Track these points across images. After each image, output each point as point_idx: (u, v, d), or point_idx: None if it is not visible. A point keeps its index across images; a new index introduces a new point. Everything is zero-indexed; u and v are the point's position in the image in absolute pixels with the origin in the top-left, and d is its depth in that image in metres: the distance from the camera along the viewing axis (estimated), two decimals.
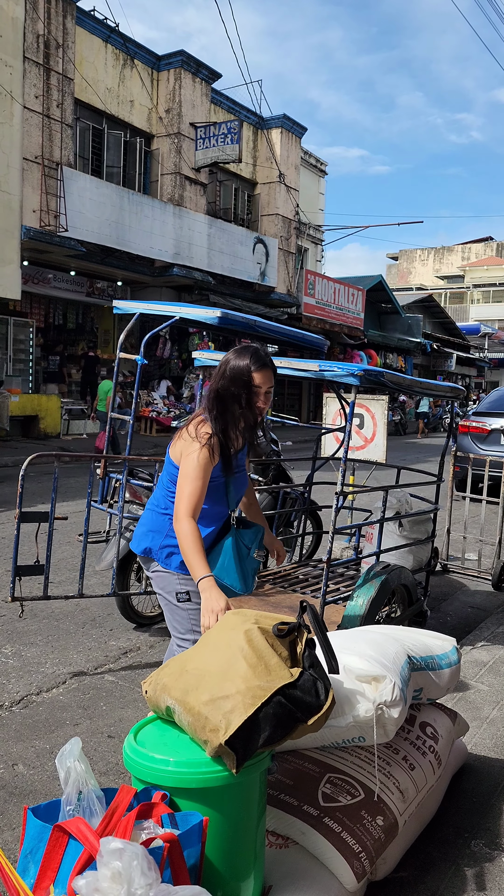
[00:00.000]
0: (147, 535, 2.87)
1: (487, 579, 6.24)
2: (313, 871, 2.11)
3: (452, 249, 59.44)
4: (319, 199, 25.67)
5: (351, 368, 3.50)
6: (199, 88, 17.90)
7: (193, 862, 1.76)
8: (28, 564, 4.20)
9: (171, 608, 2.86)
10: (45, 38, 13.95)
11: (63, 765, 1.79)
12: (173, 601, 2.83)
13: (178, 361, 19.63)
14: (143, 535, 2.88)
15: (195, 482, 2.64)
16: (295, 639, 2.11)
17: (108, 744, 3.26)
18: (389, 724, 2.28)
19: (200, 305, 4.64)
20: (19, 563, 4.13)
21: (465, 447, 10.11)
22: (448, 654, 2.79)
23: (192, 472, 2.65)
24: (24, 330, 15.72)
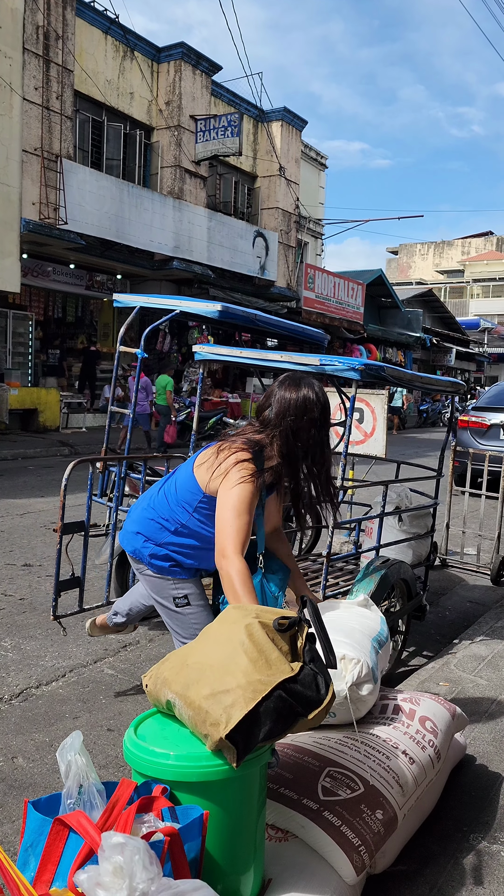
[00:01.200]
0: (137, 538, 2.73)
1: (486, 574, 6.25)
2: (313, 864, 2.12)
3: (452, 244, 59.38)
4: (320, 193, 25.61)
5: (352, 363, 3.50)
6: (199, 81, 17.84)
7: (194, 855, 1.76)
8: (66, 579, 4.05)
9: (168, 613, 2.78)
10: (45, 30, 13.89)
11: (64, 758, 1.79)
12: (171, 606, 2.75)
13: (177, 355, 19.61)
14: (132, 536, 2.74)
15: (243, 517, 2.38)
16: (295, 633, 2.11)
17: (107, 737, 3.26)
18: (360, 702, 2.41)
19: (200, 299, 4.62)
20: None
21: (464, 442, 10.12)
22: (383, 628, 2.85)
23: (240, 506, 2.37)
24: (24, 323, 15.70)
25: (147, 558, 2.70)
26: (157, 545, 2.68)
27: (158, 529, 2.68)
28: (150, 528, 2.70)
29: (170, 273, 17.81)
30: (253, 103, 20.25)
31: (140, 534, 2.72)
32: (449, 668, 3.98)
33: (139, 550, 2.72)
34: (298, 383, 2.52)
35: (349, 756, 2.42)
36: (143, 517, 2.74)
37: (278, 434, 2.46)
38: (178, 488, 2.67)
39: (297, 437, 2.46)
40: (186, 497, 2.62)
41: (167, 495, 2.70)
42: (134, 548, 2.73)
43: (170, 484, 2.73)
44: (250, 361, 3.95)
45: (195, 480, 2.58)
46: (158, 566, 2.69)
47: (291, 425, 2.45)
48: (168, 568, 2.69)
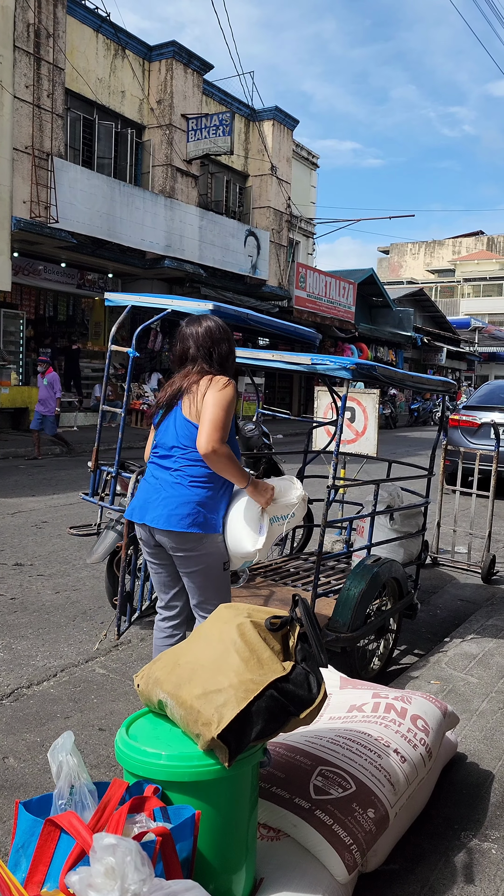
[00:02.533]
0: (196, 513, 2.83)
1: (477, 572, 6.27)
2: (305, 863, 2.12)
3: (443, 243, 59.51)
4: (311, 192, 25.62)
5: (343, 362, 3.50)
6: (190, 79, 17.81)
7: (186, 855, 1.76)
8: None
9: (213, 578, 2.94)
10: (36, 28, 13.83)
11: (55, 759, 1.79)
12: (219, 569, 2.94)
13: (169, 354, 19.58)
14: (184, 514, 2.82)
15: (226, 411, 2.75)
16: (287, 632, 2.12)
17: (98, 737, 3.26)
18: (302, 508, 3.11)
19: (192, 298, 4.62)
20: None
21: (455, 441, 10.15)
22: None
23: (223, 402, 2.77)
24: (15, 321, 15.64)
25: (213, 523, 2.88)
26: (213, 510, 2.90)
27: (198, 491, 2.88)
28: (193, 494, 2.87)
29: (161, 272, 17.78)
30: (245, 102, 20.23)
31: (197, 504, 2.86)
32: (440, 666, 3.99)
33: (200, 522, 2.86)
34: (199, 320, 3.01)
35: (341, 755, 2.42)
36: (177, 489, 2.89)
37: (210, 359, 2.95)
38: (181, 441, 2.91)
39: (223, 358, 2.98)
40: (190, 440, 2.88)
41: (177, 458, 2.92)
42: (189, 523, 2.84)
43: (177, 445, 2.93)
44: (242, 360, 3.94)
45: (188, 420, 2.88)
46: (217, 527, 2.90)
47: (215, 349, 2.96)
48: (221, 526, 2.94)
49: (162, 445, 3.00)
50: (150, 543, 3.01)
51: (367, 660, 3.99)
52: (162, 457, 2.99)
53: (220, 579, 2.97)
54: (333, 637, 3.54)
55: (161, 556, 3.03)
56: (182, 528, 2.82)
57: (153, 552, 3.04)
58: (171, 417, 2.98)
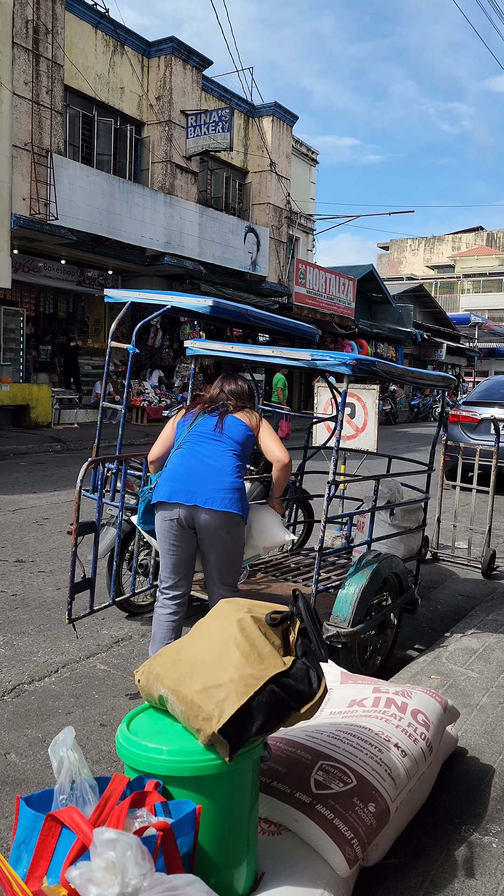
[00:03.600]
0: (240, 499, 3.36)
1: (477, 567, 6.27)
2: (306, 857, 2.12)
3: (443, 239, 59.43)
4: (311, 189, 25.58)
5: (343, 358, 3.50)
6: (189, 76, 17.77)
7: (187, 850, 1.76)
8: (79, 581, 4.01)
9: (233, 560, 3.44)
10: (35, 24, 13.80)
11: (56, 754, 1.79)
12: (240, 553, 3.47)
13: (169, 351, 19.57)
14: (232, 499, 3.33)
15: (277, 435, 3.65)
16: (287, 627, 2.12)
17: (100, 732, 3.26)
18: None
19: (192, 294, 4.61)
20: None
21: (455, 436, 10.15)
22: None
23: (273, 431, 3.64)
24: (15, 319, 15.63)
25: (245, 509, 3.41)
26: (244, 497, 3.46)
27: (240, 482, 3.42)
28: (238, 483, 3.39)
29: (161, 268, 17.75)
30: (244, 98, 20.18)
31: (240, 492, 3.38)
32: (440, 661, 4.00)
33: (241, 506, 3.37)
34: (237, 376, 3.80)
35: (341, 749, 2.43)
36: (224, 479, 3.37)
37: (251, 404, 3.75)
38: (229, 441, 3.47)
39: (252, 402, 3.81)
40: (239, 442, 3.49)
41: (222, 452, 3.44)
42: (236, 508, 3.33)
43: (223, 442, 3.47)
44: (242, 357, 3.95)
45: (247, 426, 3.54)
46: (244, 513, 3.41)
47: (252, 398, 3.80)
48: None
49: (198, 444, 3.46)
50: (185, 525, 3.36)
51: (368, 655, 3.99)
52: (203, 455, 3.43)
53: (240, 557, 3.54)
54: (334, 632, 3.55)
55: (187, 539, 3.41)
56: (235, 510, 3.31)
57: (182, 535, 3.39)
58: (212, 422, 3.53)
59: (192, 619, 3.40)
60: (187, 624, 3.87)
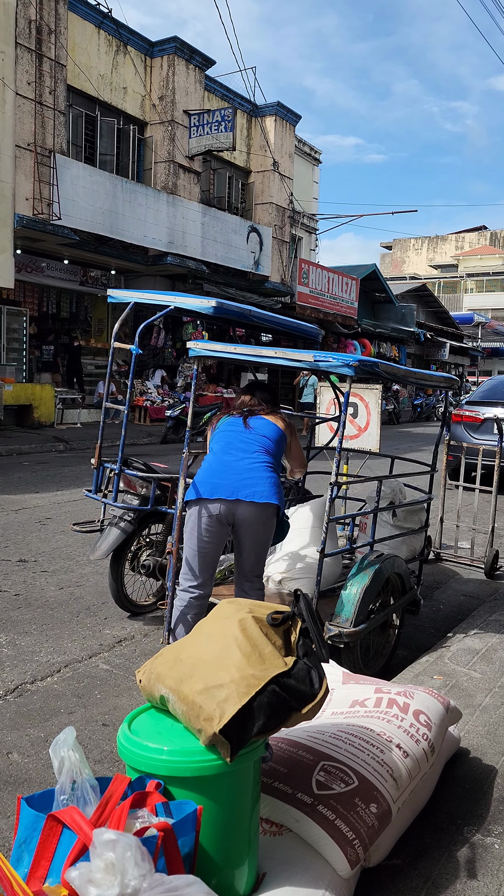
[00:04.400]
0: (279, 491, 3.50)
1: (480, 568, 6.26)
2: (307, 858, 2.12)
3: (446, 238, 59.34)
4: (313, 188, 25.57)
5: (346, 358, 3.49)
6: (192, 75, 17.77)
7: (188, 850, 1.76)
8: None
9: (263, 551, 3.59)
10: (38, 24, 13.81)
11: (57, 754, 1.79)
12: (271, 538, 3.61)
13: (171, 351, 19.58)
14: (272, 492, 3.46)
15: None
16: (289, 628, 2.12)
17: (102, 732, 3.26)
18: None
19: (195, 295, 4.61)
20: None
21: (458, 436, 10.13)
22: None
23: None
24: (18, 319, 15.64)
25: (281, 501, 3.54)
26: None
27: (276, 476, 3.56)
28: (275, 477, 3.54)
29: (164, 268, 17.76)
30: (246, 98, 20.17)
31: (278, 486, 3.52)
32: (443, 661, 3.99)
33: (280, 497, 3.51)
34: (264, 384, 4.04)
35: (343, 750, 2.43)
36: (266, 472, 3.52)
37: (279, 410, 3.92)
38: (261, 439, 3.65)
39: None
40: (272, 440, 3.67)
41: (258, 448, 3.61)
42: (276, 500, 3.47)
43: (256, 438, 3.65)
44: (245, 357, 3.94)
45: (279, 429, 3.72)
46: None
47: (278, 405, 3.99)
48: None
49: (234, 445, 3.62)
50: (224, 521, 3.49)
51: (370, 655, 3.99)
52: (240, 454, 3.58)
53: (268, 548, 3.70)
54: (336, 632, 3.54)
55: (222, 534, 3.55)
56: (275, 501, 3.44)
57: (218, 530, 3.52)
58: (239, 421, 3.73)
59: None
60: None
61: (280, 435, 3.72)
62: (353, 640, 3.61)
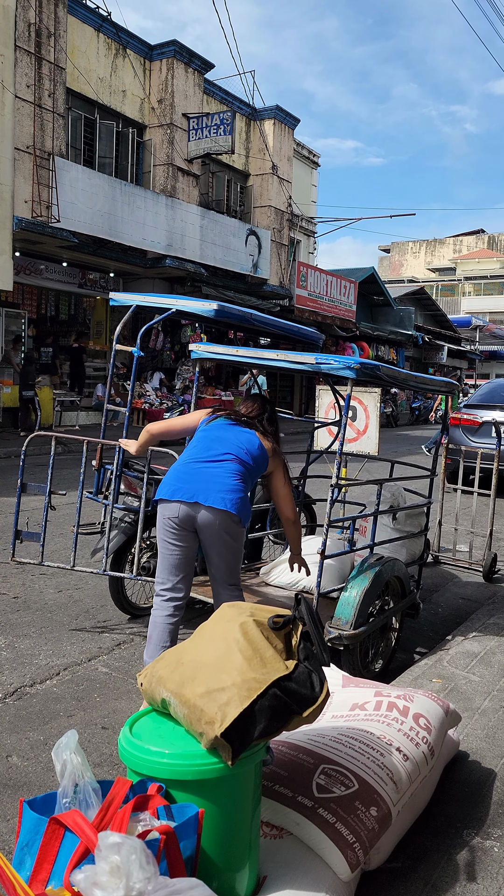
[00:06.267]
0: (241, 502, 3.36)
1: (478, 571, 6.27)
2: (308, 861, 2.13)
3: (444, 242, 59.44)
4: (312, 191, 25.60)
5: (347, 361, 3.50)
6: (191, 79, 17.79)
7: (189, 853, 1.77)
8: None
9: (234, 561, 3.47)
10: (37, 27, 13.83)
11: (59, 757, 1.79)
12: (240, 556, 3.52)
13: (170, 353, 19.58)
14: (233, 500, 3.33)
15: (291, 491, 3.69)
16: (290, 631, 2.12)
17: (101, 735, 3.27)
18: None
19: (194, 297, 4.62)
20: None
21: (456, 440, 10.15)
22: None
23: (290, 484, 3.70)
24: (17, 321, 15.63)
25: (246, 513, 3.42)
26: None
27: (244, 486, 3.43)
28: (242, 487, 3.41)
29: (163, 271, 17.77)
30: (246, 101, 20.20)
31: (242, 494, 3.40)
32: (442, 664, 4.00)
33: (244, 509, 3.39)
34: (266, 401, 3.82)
35: (343, 753, 2.43)
36: (231, 481, 3.39)
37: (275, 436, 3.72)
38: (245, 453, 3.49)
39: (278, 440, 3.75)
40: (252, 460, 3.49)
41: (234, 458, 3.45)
42: (238, 508, 3.35)
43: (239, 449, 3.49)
44: (246, 360, 3.95)
45: (265, 450, 3.55)
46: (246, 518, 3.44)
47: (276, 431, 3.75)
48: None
49: (211, 447, 3.49)
50: (185, 525, 3.38)
51: (370, 658, 3.99)
52: (212, 458, 3.45)
53: (241, 557, 3.59)
54: (336, 634, 3.55)
55: (188, 540, 3.42)
56: (234, 511, 3.31)
57: (182, 535, 3.40)
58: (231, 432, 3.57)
59: (194, 622, 3.41)
60: (190, 627, 3.88)
61: (262, 454, 3.54)
62: (353, 643, 3.61)
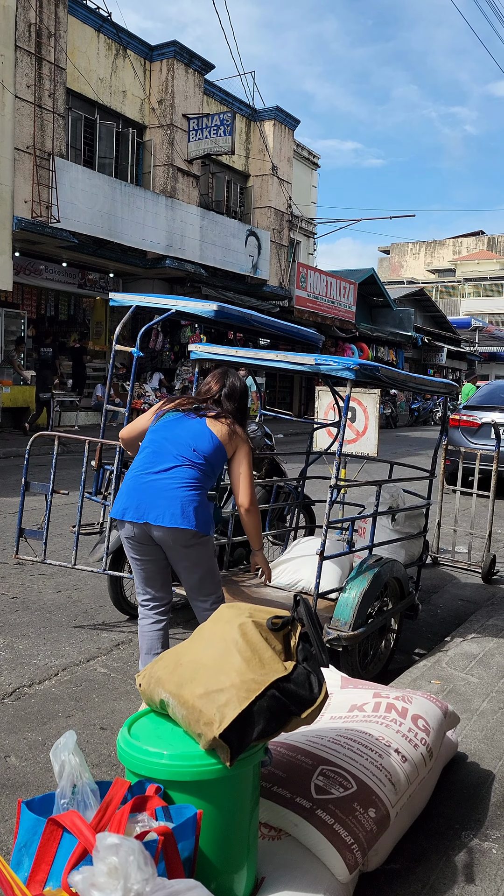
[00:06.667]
0: (199, 511, 3.09)
1: (477, 572, 6.27)
2: (306, 862, 2.12)
3: (444, 243, 59.49)
4: (312, 192, 25.62)
5: (347, 362, 3.50)
6: (192, 79, 17.80)
7: (187, 855, 1.77)
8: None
9: (205, 573, 3.23)
10: (38, 27, 13.83)
11: (58, 758, 1.79)
12: (212, 565, 3.26)
13: (170, 353, 19.59)
14: (182, 514, 3.05)
15: (251, 474, 3.24)
16: (289, 632, 2.12)
17: (100, 735, 3.26)
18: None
19: (193, 298, 4.63)
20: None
21: (455, 441, 10.15)
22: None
23: (250, 465, 3.24)
24: (16, 321, 15.63)
25: (209, 524, 3.17)
26: (211, 508, 3.24)
27: (200, 494, 3.15)
28: (197, 496, 3.13)
29: (162, 271, 17.78)
30: (246, 102, 20.21)
31: (199, 506, 3.13)
32: (440, 666, 4.00)
33: (202, 520, 3.13)
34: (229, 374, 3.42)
35: (342, 754, 2.43)
36: (180, 491, 3.11)
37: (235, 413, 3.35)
38: (193, 449, 3.18)
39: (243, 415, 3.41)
40: (204, 454, 3.18)
41: (186, 462, 3.16)
42: (193, 521, 3.09)
43: (187, 448, 3.18)
44: (246, 361, 3.95)
45: (217, 439, 3.20)
46: (210, 528, 3.18)
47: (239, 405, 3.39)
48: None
49: (159, 454, 3.20)
50: (143, 541, 3.19)
51: (368, 659, 3.99)
52: (160, 467, 3.17)
53: (213, 568, 3.31)
54: (335, 635, 3.55)
55: (151, 553, 3.23)
56: (185, 525, 3.06)
57: (143, 550, 3.22)
58: (180, 427, 3.26)
59: (193, 623, 3.41)
60: (189, 627, 3.88)
61: (214, 445, 3.19)
62: (352, 644, 3.61)
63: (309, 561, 4.31)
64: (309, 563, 4.30)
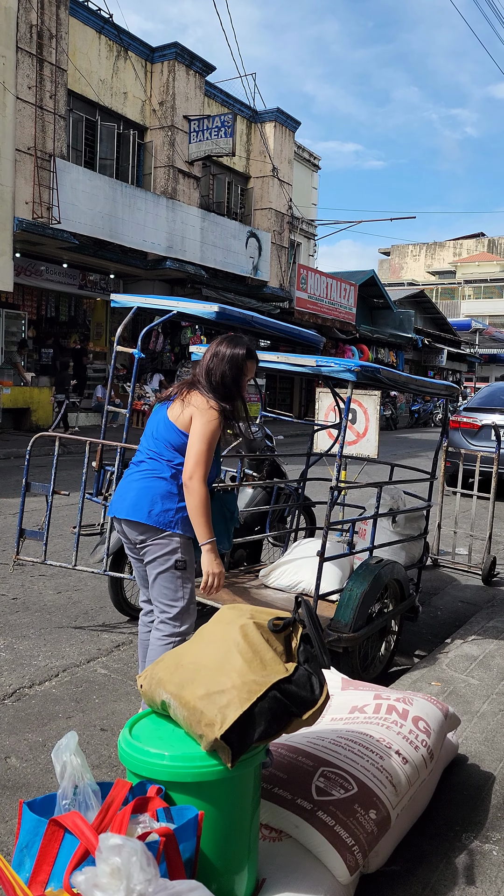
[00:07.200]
0: (156, 502, 2.93)
1: (477, 574, 6.27)
2: (306, 864, 2.13)
3: (444, 245, 59.53)
4: (312, 194, 25.63)
5: (348, 364, 3.51)
6: (192, 81, 17.82)
7: (189, 856, 1.77)
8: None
9: (166, 576, 2.99)
10: (39, 29, 13.85)
11: (59, 759, 1.79)
12: (171, 567, 2.98)
13: (170, 355, 19.60)
14: (144, 502, 2.93)
15: (208, 444, 2.85)
16: (290, 633, 2.12)
17: (100, 737, 3.26)
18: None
19: (194, 299, 4.63)
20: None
21: (456, 443, 10.15)
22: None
23: (208, 436, 2.85)
24: (17, 322, 15.64)
25: (172, 516, 2.96)
26: (178, 500, 2.98)
27: (163, 483, 2.98)
28: (158, 486, 2.98)
29: (163, 273, 17.79)
30: (246, 104, 20.22)
31: (158, 496, 2.97)
32: (441, 667, 4.00)
33: (158, 511, 2.96)
34: (234, 341, 3.04)
35: (343, 756, 2.43)
36: (143, 481, 3.00)
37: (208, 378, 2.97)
38: (159, 439, 3.02)
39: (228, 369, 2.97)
40: (167, 443, 2.99)
41: (151, 452, 3.03)
42: (147, 511, 2.95)
43: (155, 440, 3.04)
44: None
45: (173, 424, 2.97)
46: (176, 525, 2.96)
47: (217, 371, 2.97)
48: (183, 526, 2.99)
49: (140, 448, 3.15)
50: (125, 537, 3.12)
51: (369, 661, 3.99)
52: (136, 460, 3.13)
53: (175, 581, 3.01)
54: (335, 637, 3.55)
55: (135, 551, 3.14)
56: (145, 521, 2.95)
57: (130, 546, 3.15)
58: (155, 418, 3.13)
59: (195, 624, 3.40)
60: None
61: (171, 429, 2.98)
62: (352, 645, 3.62)
63: (309, 562, 4.31)
64: (309, 564, 4.30)
